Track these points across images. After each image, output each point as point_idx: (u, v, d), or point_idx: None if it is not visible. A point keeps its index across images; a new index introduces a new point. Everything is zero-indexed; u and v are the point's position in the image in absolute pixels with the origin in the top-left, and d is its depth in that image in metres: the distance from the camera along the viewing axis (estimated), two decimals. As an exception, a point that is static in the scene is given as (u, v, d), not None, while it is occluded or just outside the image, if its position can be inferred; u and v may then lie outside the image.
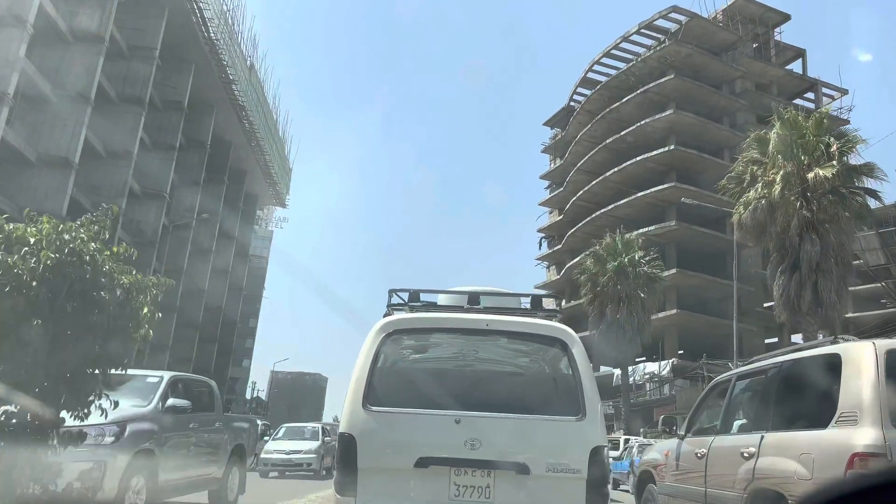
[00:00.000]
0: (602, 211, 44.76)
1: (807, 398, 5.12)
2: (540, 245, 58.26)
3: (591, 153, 47.99)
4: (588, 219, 47.27)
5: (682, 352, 41.42)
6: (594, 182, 47.29)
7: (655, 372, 38.83)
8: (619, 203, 43.44)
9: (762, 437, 4.98)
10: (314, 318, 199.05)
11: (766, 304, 44.30)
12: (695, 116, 42.14)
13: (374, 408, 4.08)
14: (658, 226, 39.97)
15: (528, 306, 5.17)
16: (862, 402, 4.13)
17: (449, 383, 4.39)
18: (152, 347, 39.49)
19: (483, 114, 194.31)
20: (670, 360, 38.48)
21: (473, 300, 4.97)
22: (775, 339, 39.56)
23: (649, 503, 7.10)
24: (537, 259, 57.97)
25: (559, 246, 52.92)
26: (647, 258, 29.14)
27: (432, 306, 5.17)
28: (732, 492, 5.16)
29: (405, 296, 5.07)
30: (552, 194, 56.41)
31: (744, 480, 5.01)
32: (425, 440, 4.03)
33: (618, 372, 41.06)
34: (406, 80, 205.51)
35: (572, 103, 54.79)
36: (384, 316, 4.70)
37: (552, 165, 58.03)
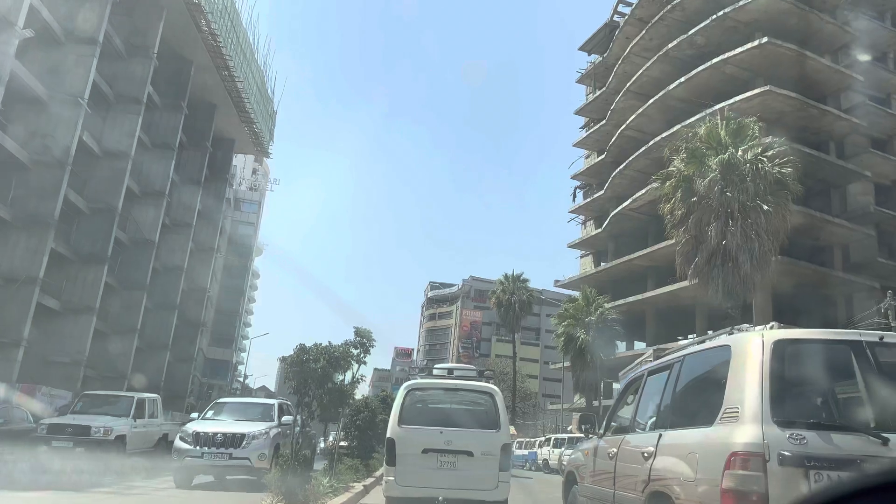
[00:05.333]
0: (661, 136, 34.28)
1: (700, 394, 4.74)
2: (574, 196, 47.99)
3: (645, 68, 37.65)
4: (640, 151, 37.01)
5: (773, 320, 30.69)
6: (649, 103, 36.99)
7: (744, 341, 28.37)
8: (685, 122, 32.90)
9: (660, 435, 4.64)
10: (322, 305, 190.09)
11: (881, 259, 34.05)
12: (792, 1, 31.66)
13: (403, 426, 8.65)
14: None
15: (477, 375, 10.40)
16: (744, 398, 3.78)
17: (438, 414, 9.00)
18: (66, 308, 29.74)
19: (506, 56, 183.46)
20: (767, 327, 27.96)
21: (450, 372, 10.33)
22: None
23: None
24: (571, 212, 47.71)
25: (600, 192, 42.67)
26: (769, 153, 18.87)
27: (431, 374, 10.50)
28: (634, 494, 4.79)
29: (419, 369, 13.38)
30: (590, 131, 46.06)
31: (642, 482, 4.63)
32: (426, 441, 8.53)
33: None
34: (417, 33, 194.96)
35: (616, 17, 44.42)
36: (407, 381, 9.96)
37: (589, 98, 47.66)
